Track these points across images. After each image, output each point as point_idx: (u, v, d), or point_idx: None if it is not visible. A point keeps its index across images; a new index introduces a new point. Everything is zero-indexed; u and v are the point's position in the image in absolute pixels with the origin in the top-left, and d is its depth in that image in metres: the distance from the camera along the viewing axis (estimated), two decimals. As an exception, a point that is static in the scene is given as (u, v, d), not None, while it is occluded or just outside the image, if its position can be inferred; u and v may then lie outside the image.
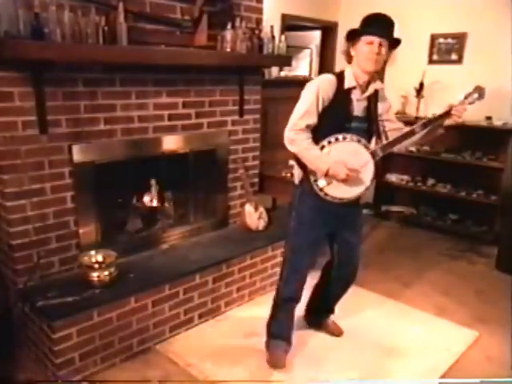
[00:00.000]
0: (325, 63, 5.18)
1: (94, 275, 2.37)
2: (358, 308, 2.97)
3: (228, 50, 2.79)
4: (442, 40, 4.39)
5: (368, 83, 2.18)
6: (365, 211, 4.49)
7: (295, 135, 2.15)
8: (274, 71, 4.33)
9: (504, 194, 4.05)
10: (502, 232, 3.82)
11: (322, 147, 2.14)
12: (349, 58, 2.19)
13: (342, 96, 2.15)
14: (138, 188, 3.02)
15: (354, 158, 2.15)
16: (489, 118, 4.12)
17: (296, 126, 2.15)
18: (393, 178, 4.80)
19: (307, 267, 2.40)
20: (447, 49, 4.37)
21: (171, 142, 2.86)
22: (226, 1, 2.86)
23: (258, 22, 3.11)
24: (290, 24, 4.45)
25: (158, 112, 2.74)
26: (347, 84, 2.15)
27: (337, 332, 2.70)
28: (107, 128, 2.52)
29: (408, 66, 4.57)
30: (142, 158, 2.78)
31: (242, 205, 3.30)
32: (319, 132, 2.16)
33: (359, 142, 2.16)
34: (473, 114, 4.20)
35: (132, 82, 2.57)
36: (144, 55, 2.40)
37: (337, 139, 2.13)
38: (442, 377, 2.36)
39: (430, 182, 4.57)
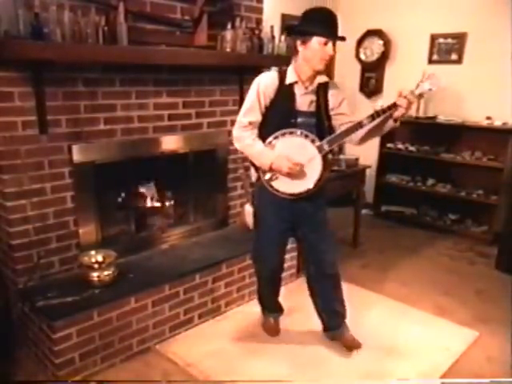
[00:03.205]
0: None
1: (94, 275, 2.37)
2: (357, 308, 2.96)
3: (228, 49, 2.79)
4: (441, 40, 4.39)
5: (313, 78, 2.18)
6: (364, 211, 4.49)
7: (239, 133, 2.23)
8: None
9: (504, 193, 4.05)
10: (502, 232, 3.82)
11: (269, 143, 2.18)
12: (295, 53, 2.19)
13: (284, 92, 2.19)
14: (138, 188, 3.02)
15: (300, 152, 2.17)
16: (489, 118, 4.12)
17: (240, 123, 2.23)
18: (393, 178, 4.80)
19: (273, 257, 2.47)
20: (447, 49, 4.37)
21: (171, 142, 2.86)
22: (226, 1, 2.86)
23: (258, 22, 3.11)
24: (290, 24, 4.44)
25: (158, 112, 2.74)
26: (288, 80, 2.19)
27: (353, 345, 2.48)
28: (107, 128, 2.52)
29: (408, 66, 4.57)
30: (142, 158, 2.78)
31: (242, 205, 3.29)
32: (266, 129, 2.21)
33: (306, 137, 2.17)
34: (473, 114, 4.23)
35: (132, 81, 2.57)
36: (144, 55, 2.40)
37: (283, 134, 2.17)
38: (442, 377, 2.36)
39: (430, 181, 4.57)
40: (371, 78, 4.95)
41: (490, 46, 4.09)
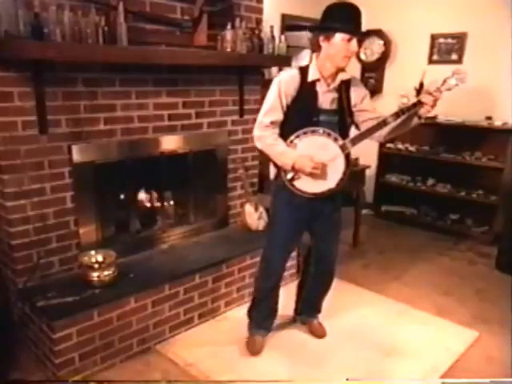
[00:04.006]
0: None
1: (94, 275, 2.36)
2: (358, 308, 2.97)
3: (228, 49, 2.79)
4: (442, 40, 4.39)
5: (336, 75, 2.15)
6: (365, 211, 4.49)
7: (261, 132, 2.20)
8: (274, 71, 4.33)
9: (504, 193, 4.05)
10: (502, 232, 3.82)
11: (291, 142, 2.15)
12: (318, 49, 2.14)
13: (306, 89, 2.14)
14: (138, 188, 3.02)
15: (322, 151, 2.14)
16: (489, 118, 4.12)
17: (261, 123, 2.19)
18: (393, 178, 4.80)
19: (281, 261, 2.44)
20: (447, 49, 4.37)
21: (171, 142, 2.85)
22: (226, 1, 2.86)
23: (258, 22, 3.11)
24: (290, 24, 4.45)
25: (158, 112, 2.74)
26: (310, 77, 2.15)
27: (319, 333, 2.65)
28: (107, 128, 2.52)
29: (408, 66, 4.57)
30: (142, 158, 2.78)
31: (242, 205, 3.29)
32: (288, 127, 2.17)
33: (329, 135, 2.14)
34: (473, 114, 4.23)
35: (132, 82, 2.57)
36: (144, 55, 2.40)
37: (305, 133, 2.14)
38: (442, 377, 2.36)
39: (430, 181, 4.57)
40: (371, 77, 4.95)
41: (490, 46, 4.09)
